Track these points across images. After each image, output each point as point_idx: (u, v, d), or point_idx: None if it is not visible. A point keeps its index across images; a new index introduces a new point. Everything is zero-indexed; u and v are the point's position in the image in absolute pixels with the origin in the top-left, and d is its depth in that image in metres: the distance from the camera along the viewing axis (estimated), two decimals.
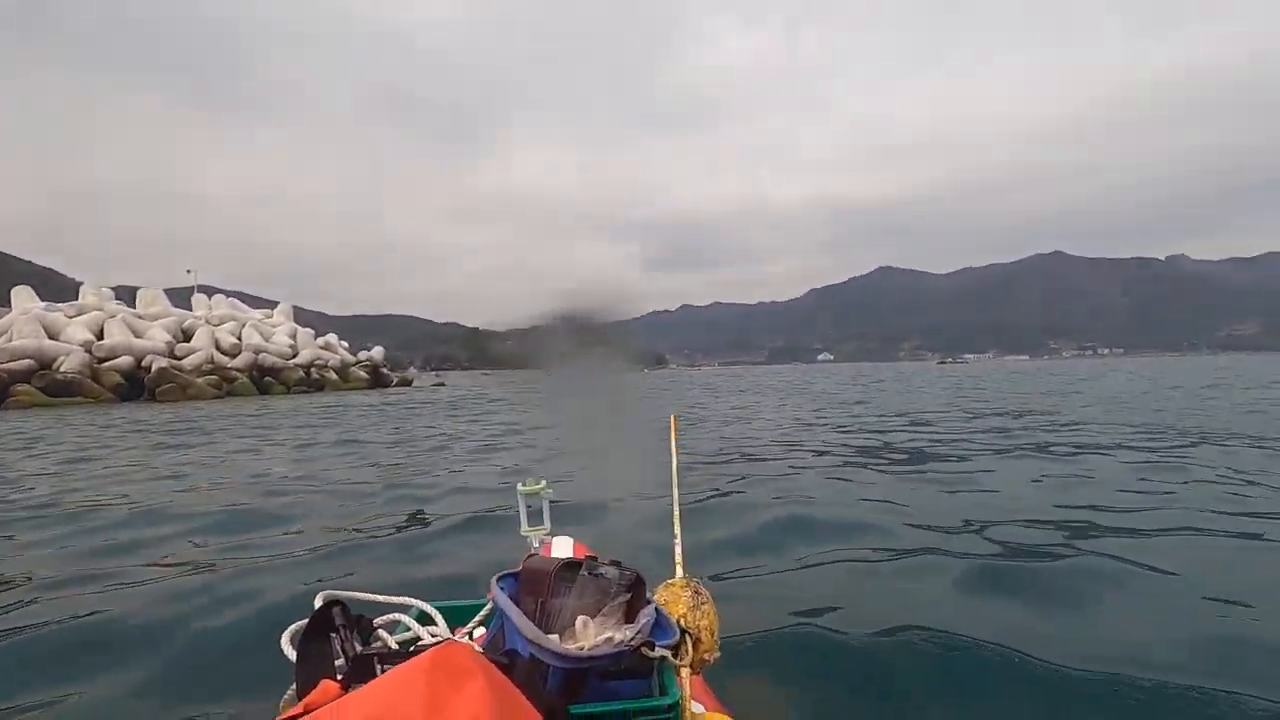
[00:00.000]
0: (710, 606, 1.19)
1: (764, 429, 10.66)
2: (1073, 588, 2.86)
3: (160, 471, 7.53)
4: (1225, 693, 1.95)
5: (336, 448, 9.46)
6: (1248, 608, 2.59)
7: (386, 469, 7.19)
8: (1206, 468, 5.80)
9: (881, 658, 2.20)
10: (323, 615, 0.97)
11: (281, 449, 9.55)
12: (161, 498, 5.72)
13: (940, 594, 2.85)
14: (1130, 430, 8.86)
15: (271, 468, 7.63)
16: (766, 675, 2.09)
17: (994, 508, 4.43)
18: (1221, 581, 2.86)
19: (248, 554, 3.78)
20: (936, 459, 6.83)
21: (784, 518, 4.26)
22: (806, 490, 5.24)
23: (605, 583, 1.05)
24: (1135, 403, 14.10)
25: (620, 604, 1.03)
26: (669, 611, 1.12)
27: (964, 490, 5.10)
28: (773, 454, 7.55)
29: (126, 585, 3.25)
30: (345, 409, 20.21)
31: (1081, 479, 5.41)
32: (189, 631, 2.60)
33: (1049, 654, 2.18)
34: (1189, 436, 8.03)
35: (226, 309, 46.99)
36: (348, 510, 4.98)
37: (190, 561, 3.67)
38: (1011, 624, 2.47)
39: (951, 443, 7.98)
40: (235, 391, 38.38)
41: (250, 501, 5.43)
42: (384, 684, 0.69)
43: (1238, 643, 2.30)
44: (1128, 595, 2.78)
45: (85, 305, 39.80)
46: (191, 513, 4.97)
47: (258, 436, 11.58)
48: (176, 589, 3.13)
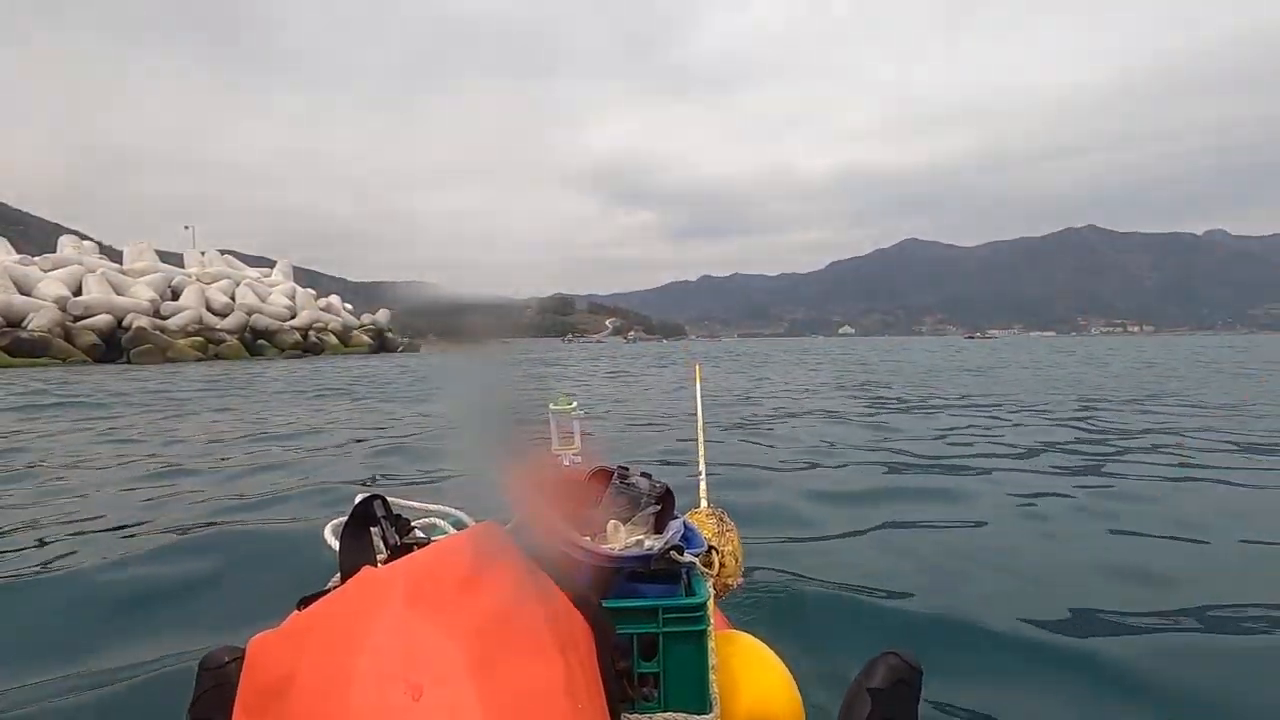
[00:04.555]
0: (735, 534, 1.23)
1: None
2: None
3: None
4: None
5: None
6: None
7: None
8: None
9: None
10: (364, 509, 0.96)
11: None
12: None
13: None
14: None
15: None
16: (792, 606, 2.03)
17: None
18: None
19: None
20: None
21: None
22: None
23: (636, 493, 1.06)
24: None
25: (650, 514, 1.04)
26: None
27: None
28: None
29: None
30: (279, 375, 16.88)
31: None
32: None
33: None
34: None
35: (221, 265, 43.96)
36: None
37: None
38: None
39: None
40: (223, 355, 35.46)
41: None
42: (430, 551, 0.71)
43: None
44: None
45: (62, 259, 36.75)
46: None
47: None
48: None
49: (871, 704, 0.79)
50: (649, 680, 0.85)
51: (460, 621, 0.61)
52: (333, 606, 0.67)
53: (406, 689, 0.55)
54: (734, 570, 1.17)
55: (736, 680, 0.90)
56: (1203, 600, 2.09)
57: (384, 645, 0.59)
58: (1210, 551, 2.61)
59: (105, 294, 34.61)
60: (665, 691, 0.85)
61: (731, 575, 1.16)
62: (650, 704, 0.85)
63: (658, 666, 0.85)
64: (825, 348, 44.66)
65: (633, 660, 0.84)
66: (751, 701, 0.90)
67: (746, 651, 0.98)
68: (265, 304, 41.60)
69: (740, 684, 0.90)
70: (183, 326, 35.87)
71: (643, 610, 0.85)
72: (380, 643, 0.59)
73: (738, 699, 0.89)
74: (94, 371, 22.61)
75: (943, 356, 26.51)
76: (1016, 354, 28.65)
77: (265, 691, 0.62)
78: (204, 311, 37.96)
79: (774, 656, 0.98)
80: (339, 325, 45.38)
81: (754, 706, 0.89)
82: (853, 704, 0.80)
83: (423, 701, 0.55)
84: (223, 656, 0.77)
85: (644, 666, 0.85)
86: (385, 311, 52.30)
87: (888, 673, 0.80)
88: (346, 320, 47.13)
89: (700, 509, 1.32)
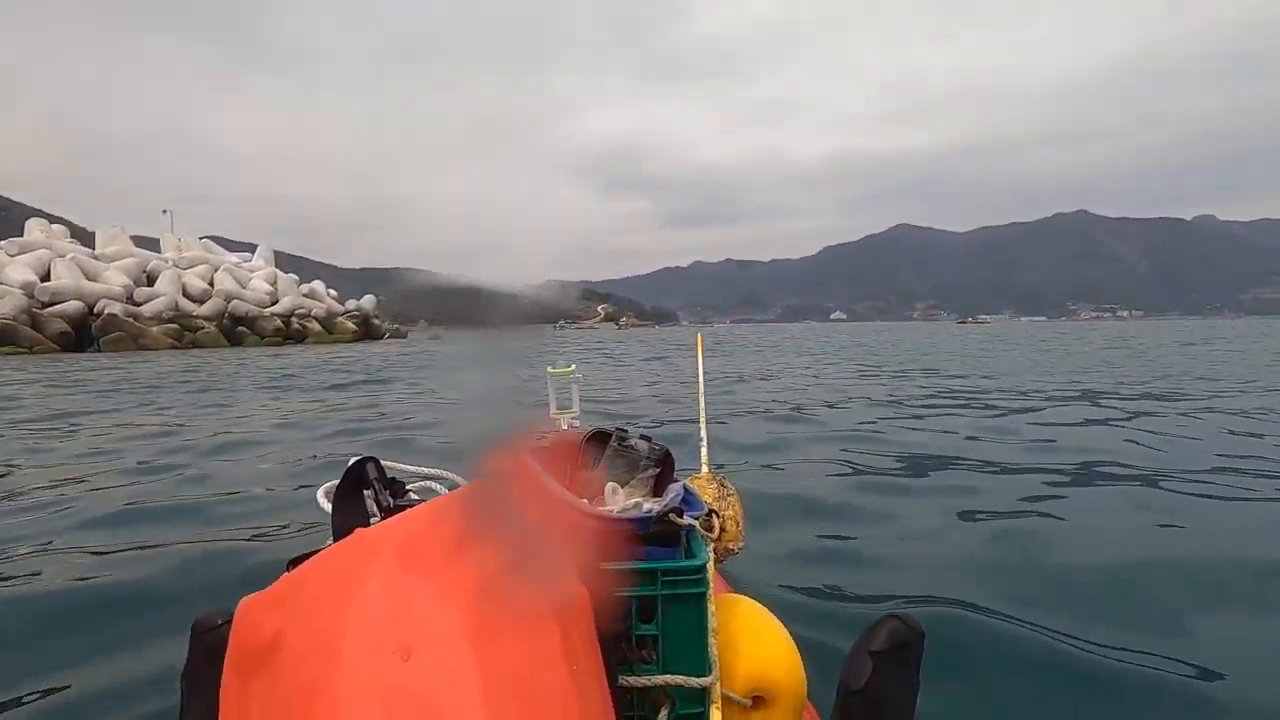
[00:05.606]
0: (736, 499, 1.21)
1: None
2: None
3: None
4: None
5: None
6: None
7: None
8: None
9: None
10: (357, 471, 0.94)
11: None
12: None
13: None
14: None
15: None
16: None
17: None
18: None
19: None
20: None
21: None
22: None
23: (635, 455, 1.05)
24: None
25: (649, 477, 1.03)
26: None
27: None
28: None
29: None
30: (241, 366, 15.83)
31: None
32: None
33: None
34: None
35: (199, 250, 42.54)
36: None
37: None
38: None
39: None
40: (199, 342, 34.23)
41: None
42: (423, 510, 0.70)
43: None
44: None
45: (29, 242, 35.27)
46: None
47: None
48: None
49: (873, 667, 0.78)
50: (647, 643, 0.83)
51: (453, 582, 0.60)
52: (323, 566, 0.65)
53: (397, 650, 0.54)
54: (735, 535, 1.15)
55: (737, 643, 0.88)
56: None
57: (375, 605, 0.58)
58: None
59: (75, 280, 33.25)
60: (664, 654, 0.82)
61: (732, 540, 1.15)
62: (649, 666, 0.82)
63: (656, 629, 0.83)
64: (857, 334, 43.16)
65: (630, 623, 0.81)
66: (751, 664, 0.87)
67: (747, 615, 0.95)
68: (245, 290, 40.28)
69: (741, 647, 0.88)
70: (157, 313, 34.58)
71: (641, 572, 0.82)
72: (371, 603, 0.58)
73: (738, 662, 0.86)
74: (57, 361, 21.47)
75: (978, 342, 24.74)
76: (1070, 341, 26.96)
77: (254, 652, 0.60)
78: (180, 298, 36.64)
79: (775, 621, 0.95)
80: (323, 312, 44.09)
81: (754, 669, 0.87)
82: (854, 667, 0.80)
83: (412, 662, 0.54)
84: (215, 619, 0.76)
85: (642, 629, 0.82)
86: (371, 298, 51.00)
87: (889, 636, 0.80)
88: (331, 306, 45.83)
89: (701, 474, 1.31)
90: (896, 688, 0.80)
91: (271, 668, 0.58)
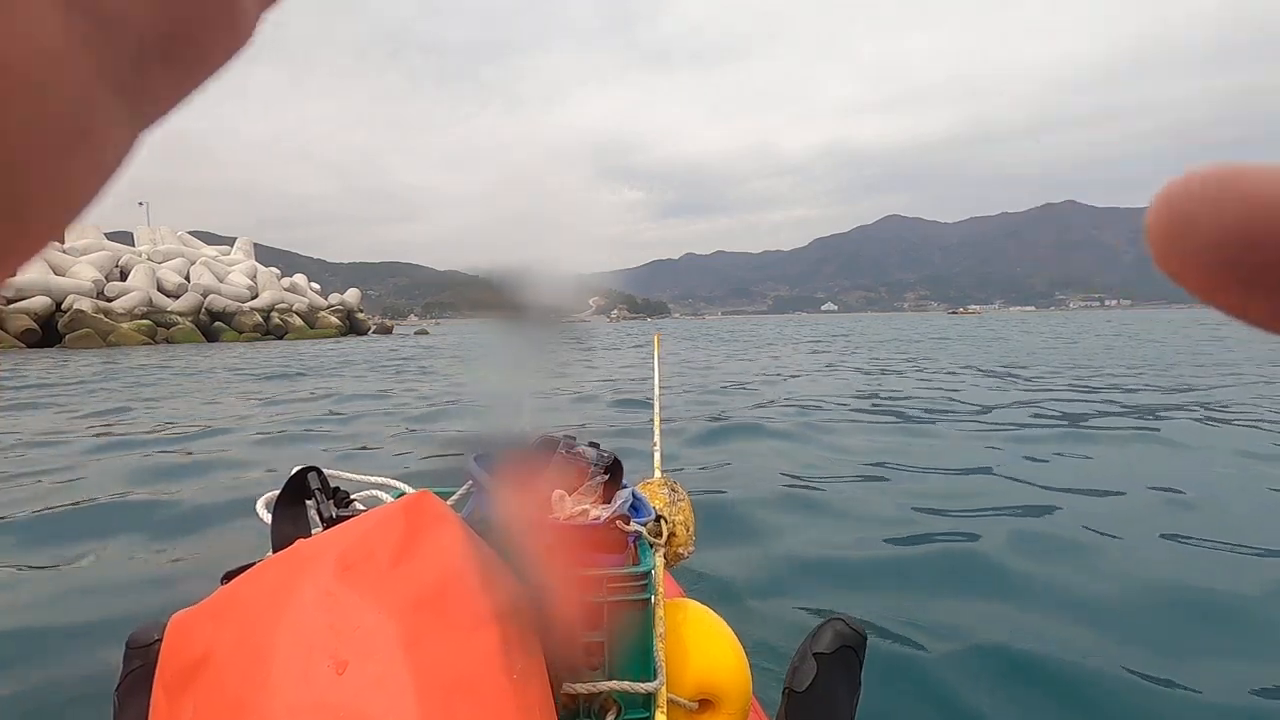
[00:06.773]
0: (687, 504, 1.21)
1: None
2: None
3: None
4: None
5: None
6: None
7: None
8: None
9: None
10: (298, 481, 0.93)
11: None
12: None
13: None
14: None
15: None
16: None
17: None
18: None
19: None
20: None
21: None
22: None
23: (583, 463, 1.03)
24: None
25: (598, 484, 1.02)
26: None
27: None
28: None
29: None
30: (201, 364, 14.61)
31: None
32: None
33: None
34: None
35: (174, 243, 40.90)
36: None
37: None
38: None
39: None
40: (173, 339, 32.74)
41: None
42: (363, 521, 0.68)
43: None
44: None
45: None
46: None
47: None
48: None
49: (817, 668, 0.77)
50: (594, 649, 0.82)
51: (392, 593, 0.58)
52: (257, 579, 0.63)
53: (331, 663, 0.53)
54: (685, 540, 1.14)
55: (685, 648, 0.88)
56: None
57: (309, 618, 0.56)
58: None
59: (42, 274, 31.64)
60: (610, 660, 0.82)
61: (683, 545, 1.13)
62: (595, 672, 0.82)
63: (602, 636, 0.82)
64: (871, 325, 43.07)
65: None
66: (698, 668, 0.88)
67: (695, 619, 0.95)
68: (223, 284, 38.74)
69: (689, 651, 0.88)
70: (130, 309, 33.05)
71: (587, 579, 0.84)
72: (305, 616, 0.56)
73: (685, 666, 0.87)
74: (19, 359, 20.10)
75: (985, 332, 24.58)
76: (1081, 331, 26.82)
77: (185, 669, 0.58)
78: (154, 292, 35.08)
79: (722, 623, 0.95)
80: (305, 306, 42.57)
81: (700, 673, 0.87)
82: (799, 668, 0.78)
83: (347, 675, 0.52)
84: (151, 634, 0.72)
85: (588, 635, 0.82)
86: (355, 291, 49.49)
87: (834, 638, 0.79)
88: (314, 301, 44.30)
89: (653, 479, 1.29)
90: (840, 688, 0.79)
91: (201, 685, 0.55)
